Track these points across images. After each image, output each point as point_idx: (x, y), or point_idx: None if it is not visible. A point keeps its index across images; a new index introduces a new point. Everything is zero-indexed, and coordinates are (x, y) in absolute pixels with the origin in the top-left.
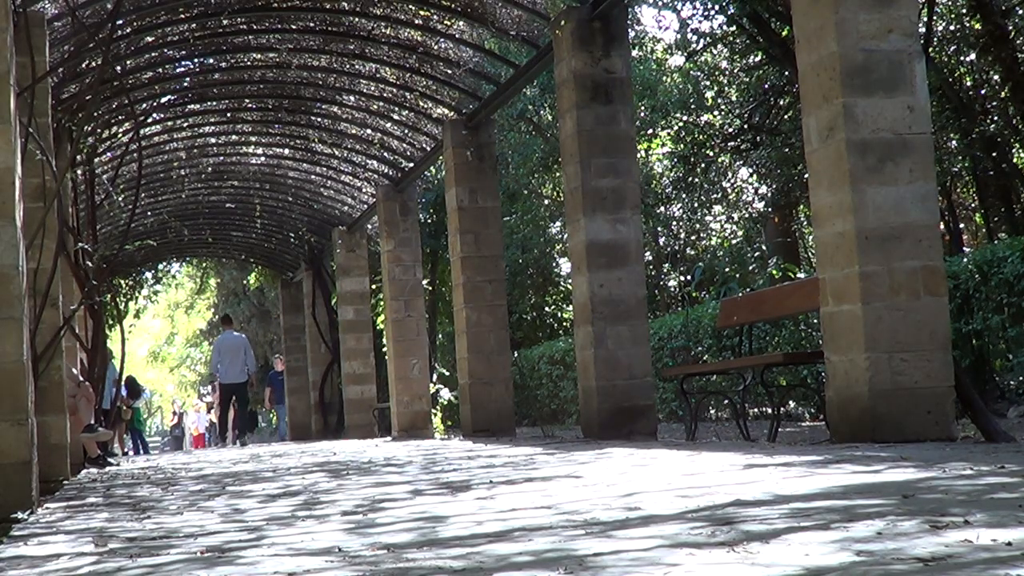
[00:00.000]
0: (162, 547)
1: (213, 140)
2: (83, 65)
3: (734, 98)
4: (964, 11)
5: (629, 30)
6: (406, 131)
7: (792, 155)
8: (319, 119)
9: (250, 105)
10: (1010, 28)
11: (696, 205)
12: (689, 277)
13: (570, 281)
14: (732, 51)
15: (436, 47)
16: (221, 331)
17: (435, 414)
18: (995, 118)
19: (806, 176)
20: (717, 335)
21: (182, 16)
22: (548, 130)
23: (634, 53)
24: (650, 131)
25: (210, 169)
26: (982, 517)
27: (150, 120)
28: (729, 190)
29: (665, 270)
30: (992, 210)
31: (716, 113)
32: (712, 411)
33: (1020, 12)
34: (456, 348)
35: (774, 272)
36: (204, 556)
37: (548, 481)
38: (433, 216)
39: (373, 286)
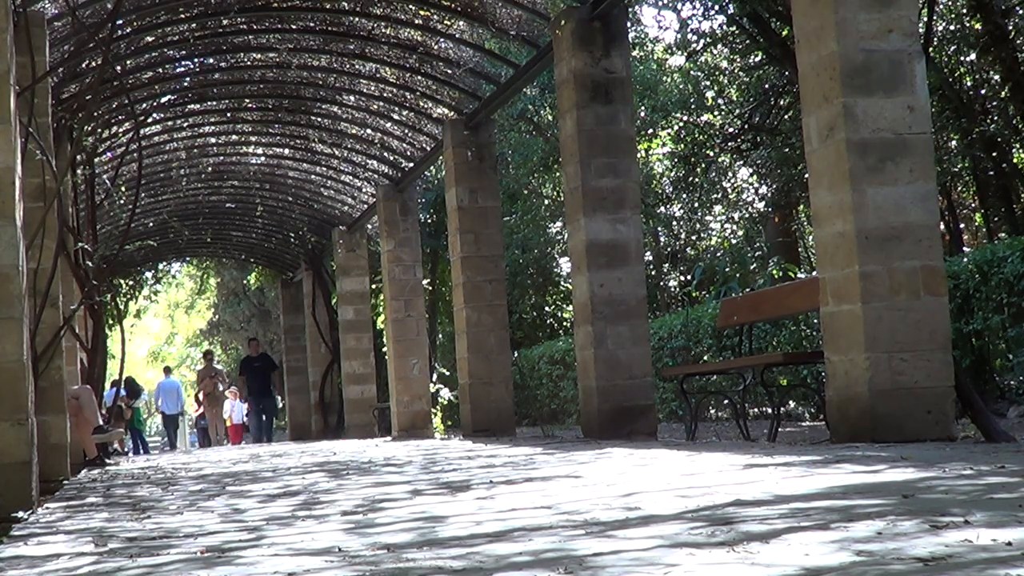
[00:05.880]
0: (162, 547)
1: (213, 140)
2: (83, 65)
3: (734, 98)
4: (964, 11)
5: (629, 30)
6: (406, 131)
7: (792, 155)
8: (319, 119)
9: (250, 105)
10: (1010, 28)
11: (696, 205)
12: (689, 277)
13: (570, 281)
14: (732, 51)
15: (436, 47)
16: (163, 377)
17: (435, 414)
18: (995, 118)
19: (806, 176)
20: (717, 335)
21: (182, 16)
22: (548, 130)
23: (634, 53)
24: (650, 131)
25: (210, 169)
26: (982, 517)
27: (150, 120)
28: (729, 190)
29: (665, 270)
30: (992, 210)
31: (716, 113)
32: (712, 411)
33: (1020, 12)
34: (456, 348)
35: (774, 272)
36: (204, 556)
37: (548, 481)
38: (433, 216)
39: (373, 286)
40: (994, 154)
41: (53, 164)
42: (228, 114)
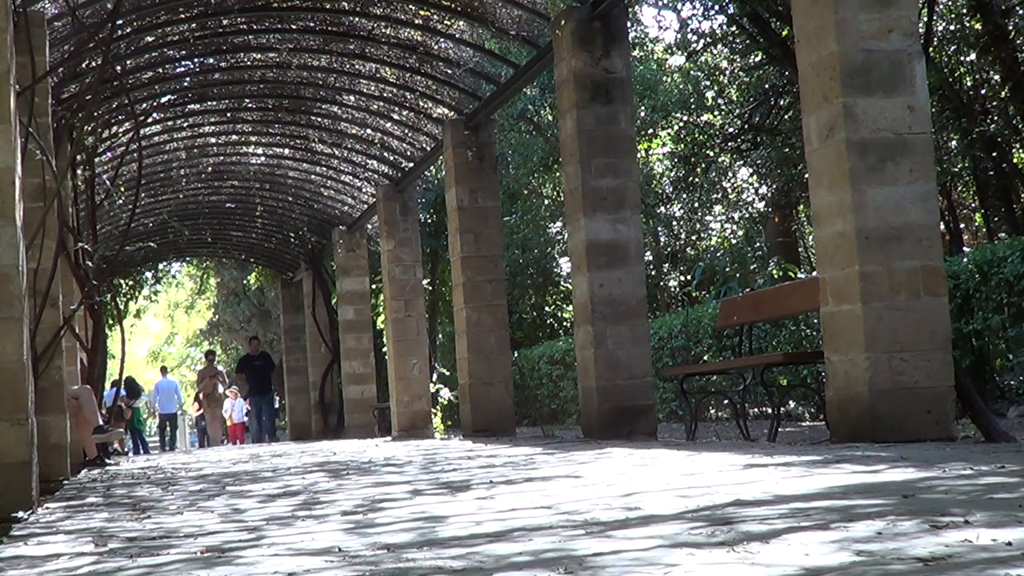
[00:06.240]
0: (162, 547)
1: (213, 140)
2: (83, 65)
3: (734, 98)
4: (964, 11)
5: (629, 30)
6: (406, 131)
7: (792, 155)
8: (319, 119)
9: (250, 105)
10: (1010, 28)
11: (696, 205)
12: (689, 277)
13: (570, 281)
14: (732, 51)
15: (436, 47)
16: (160, 377)
17: (435, 414)
18: (995, 118)
19: (806, 176)
20: (717, 335)
21: (182, 16)
22: (548, 130)
23: (634, 53)
24: (650, 131)
25: (210, 169)
26: (982, 517)
27: (150, 120)
28: (729, 190)
29: (665, 270)
30: (992, 210)
31: (716, 113)
32: (712, 411)
33: (1020, 12)
34: (456, 348)
35: (774, 272)
36: (204, 556)
37: (548, 481)
38: (433, 216)
39: (373, 286)
40: (994, 154)
41: (53, 164)
42: (228, 114)
